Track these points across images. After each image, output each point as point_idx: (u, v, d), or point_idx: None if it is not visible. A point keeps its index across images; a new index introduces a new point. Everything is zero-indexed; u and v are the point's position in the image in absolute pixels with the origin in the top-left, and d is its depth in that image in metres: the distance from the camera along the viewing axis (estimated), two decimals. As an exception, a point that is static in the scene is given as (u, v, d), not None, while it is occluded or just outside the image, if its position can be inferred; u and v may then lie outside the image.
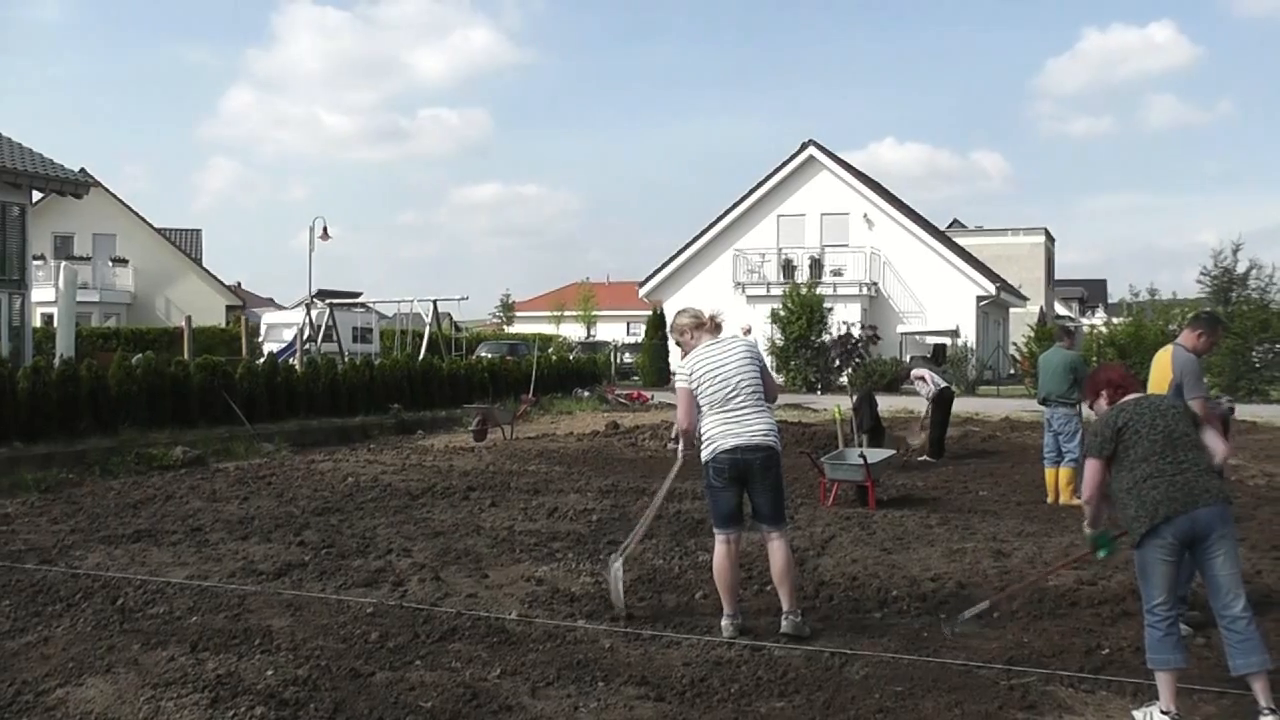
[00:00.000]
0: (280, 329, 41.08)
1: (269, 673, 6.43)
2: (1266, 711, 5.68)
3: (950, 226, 72.21)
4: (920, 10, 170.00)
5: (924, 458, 17.89)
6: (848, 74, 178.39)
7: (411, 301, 40.19)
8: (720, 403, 7.49)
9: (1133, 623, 7.80)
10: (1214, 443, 6.37)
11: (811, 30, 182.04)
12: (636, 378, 43.92)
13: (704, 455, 7.53)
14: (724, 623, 7.47)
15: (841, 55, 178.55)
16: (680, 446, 8.10)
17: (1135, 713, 5.96)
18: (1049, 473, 13.70)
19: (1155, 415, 6.13)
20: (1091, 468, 6.31)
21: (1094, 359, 35.45)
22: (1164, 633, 5.88)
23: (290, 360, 27.27)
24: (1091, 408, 6.70)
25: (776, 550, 7.53)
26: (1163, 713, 5.80)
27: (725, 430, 7.45)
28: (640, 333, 49.19)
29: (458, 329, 51.96)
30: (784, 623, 7.42)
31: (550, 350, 45.71)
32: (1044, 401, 13.82)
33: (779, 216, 48.25)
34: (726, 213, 48.98)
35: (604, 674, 6.55)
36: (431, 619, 7.69)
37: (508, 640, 7.26)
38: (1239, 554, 6.19)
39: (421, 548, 10.20)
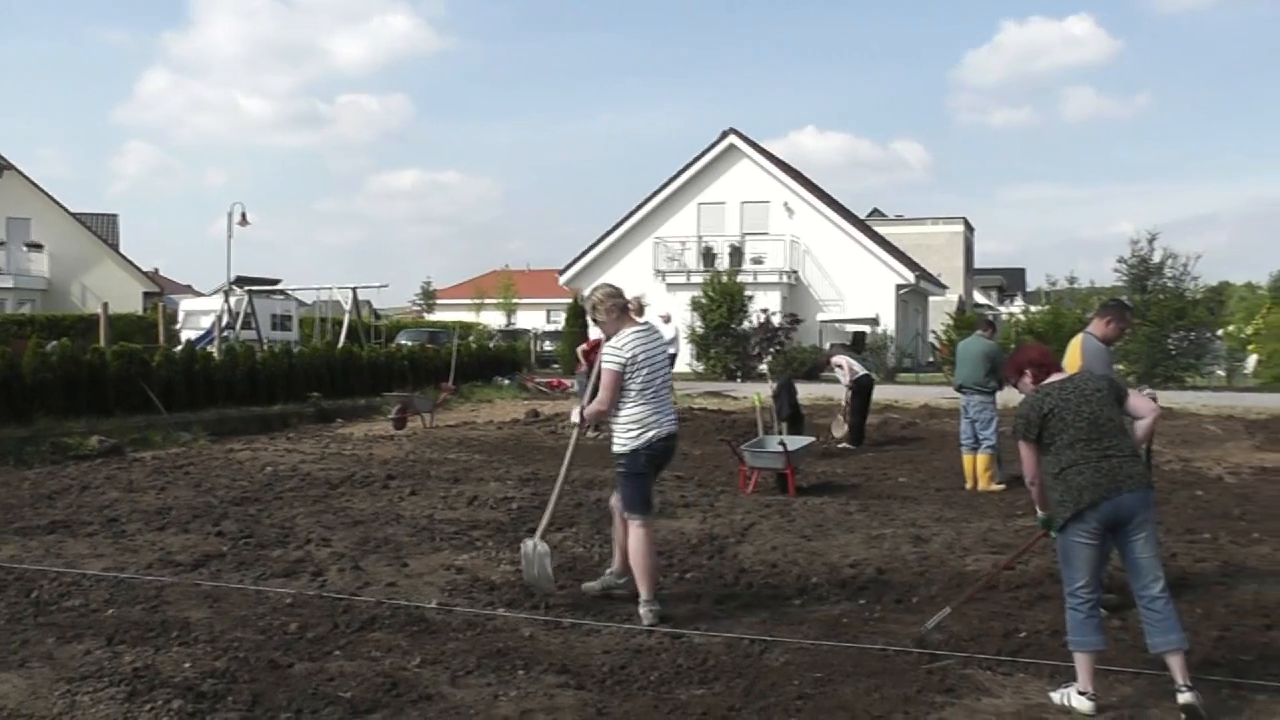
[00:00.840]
0: (198, 316, 40.46)
1: (186, 665, 6.35)
2: (1183, 689, 5.76)
3: (870, 215, 72.66)
4: (841, 0, 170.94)
5: (844, 445, 18.01)
6: (770, 63, 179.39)
7: (331, 289, 39.85)
8: (650, 390, 7.51)
9: (1050, 606, 7.91)
10: (1140, 403, 6.47)
11: (734, 18, 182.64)
12: (557, 365, 43.82)
13: (635, 442, 7.51)
14: (643, 610, 7.47)
15: (764, 44, 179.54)
16: (581, 428, 8.03)
17: (1052, 694, 6.04)
18: (966, 459, 13.86)
19: (1081, 400, 6.14)
20: (1024, 451, 6.31)
21: (1012, 347, 35.91)
22: (1085, 615, 5.95)
23: (208, 348, 26.91)
24: (1016, 386, 6.69)
25: (646, 536, 7.66)
26: (1080, 694, 5.87)
27: (657, 418, 7.50)
28: (560, 320, 49.06)
29: (378, 317, 51.74)
30: (645, 611, 7.51)
31: (470, 338, 45.47)
32: (960, 389, 13.99)
33: (699, 204, 48.34)
34: (647, 200, 48.99)
35: (524, 662, 6.54)
36: (351, 609, 7.64)
37: (428, 629, 7.23)
38: (1158, 537, 6.29)
39: (341, 537, 10.12)
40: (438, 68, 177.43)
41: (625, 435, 7.54)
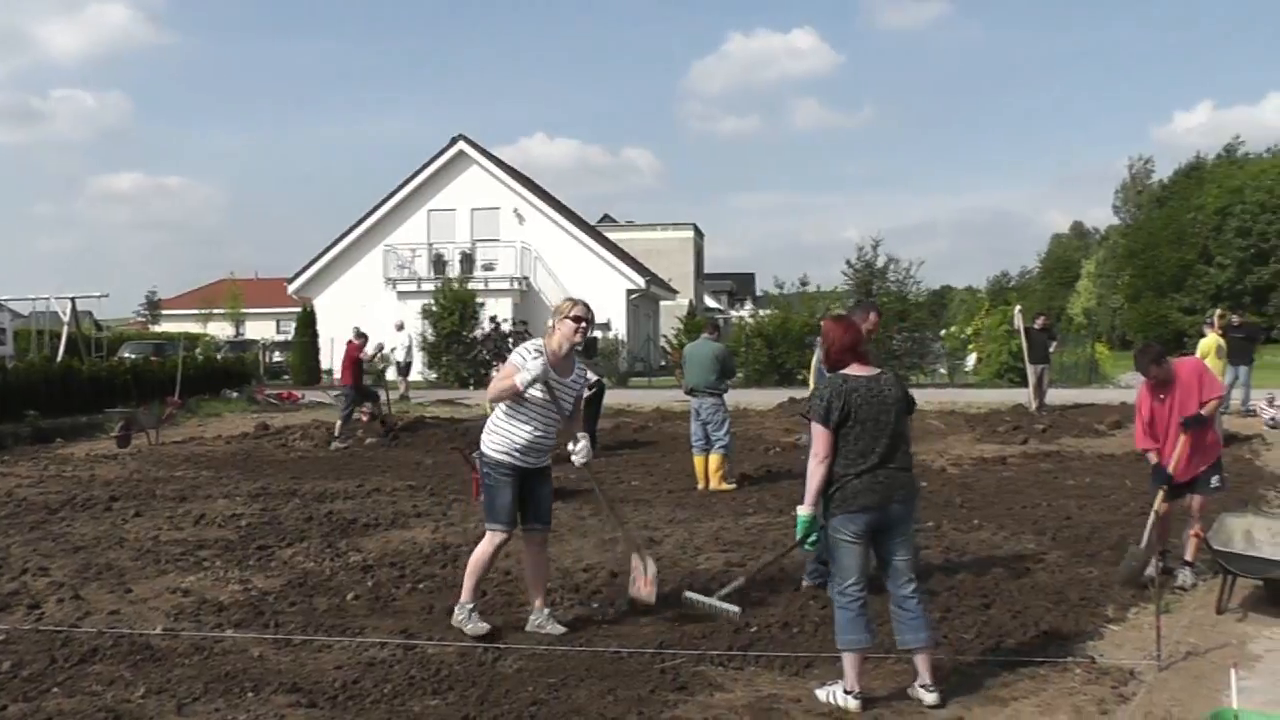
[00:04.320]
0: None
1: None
2: (929, 689, 6.02)
3: (601, 222, 73.34)
4: (571, 7, 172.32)
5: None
6: (499, 69, 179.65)
7: (48, 299, 37.97)
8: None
9: (779, 599, 8.16)
10: None
11: (465, 24, 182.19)
12: (287, 377, 42.85)
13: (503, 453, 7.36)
14: (469, 612, 7.41)
15: (493, 51, 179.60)
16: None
17: (818, 691, 6.14)
18: (698, 460, 14.10)
19: (881, 408, 6.11)
20: (820, 433, 6.13)
21: (742, 349, 36.74)
22: (855, 613, 6.03)
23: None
24: (825, 365, 6.53)
25: (543, 548, 7.66)
26: (846, 692, 5.99)
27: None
28: (291, 330, 48.00)
29: (99, 328, 49.50)
30: (546, 620, 7.52)
31: (197, 350, 44.03)
32: (691, 392, 14.20)
33: (430, 211, 47.99)
34: (377, 207, 48.30)
35: (254, 684, 6.36)
36: (70, 641, 7.27)
37: (153, 657, 6.95)
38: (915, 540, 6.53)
39: (60, 565, 9.62)
40: (158, 64, 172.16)
41: (503, 444, 7.39)
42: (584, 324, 7.40)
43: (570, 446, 7.50)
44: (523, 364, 7.18)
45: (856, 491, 6.02)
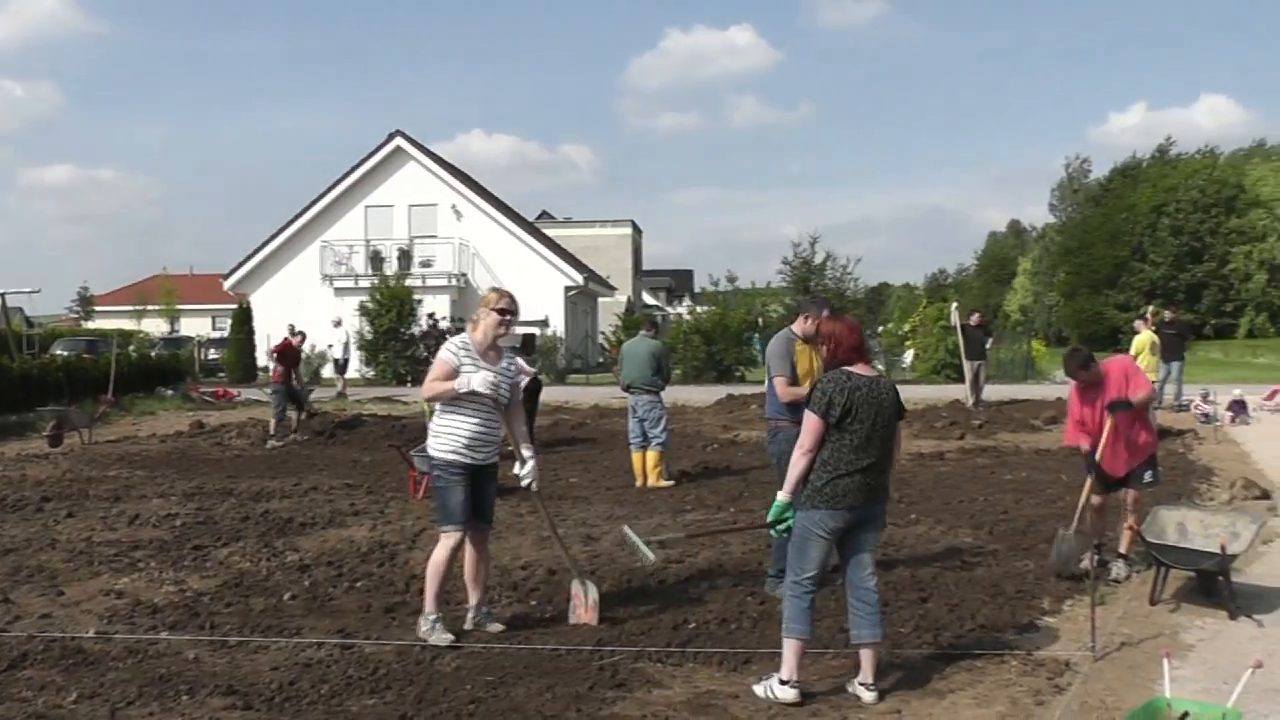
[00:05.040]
0: None
1: None
2: (868, 686, 6.06)
3: (539, 218, 73.16)
4: (509, 1, 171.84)
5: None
6: (437, 65, 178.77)
7: (-22, 294, 37.51)
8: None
9: (718, 595, 8.17)
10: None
11: (403, 18, 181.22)
12: (223, 374, 42.46)
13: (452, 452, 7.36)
14: (433, 623, 7.27)
15: (432, 45, 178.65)
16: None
17: (756, 688, 6.14)
18: (635, 457, 14.09)
19: (878, 411, 6.14)
20: (814, 424, 6.11)
21: (680, 346, 36.81)
22: (807, 605, 6.09)
23: None
24: (824, 358, 6.44)
25: (485, 546, 7.67)
26: (783, 683, 6.01)
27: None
28: (227, 327, 47.56)
29: (30, 325, 48.78)
30: (485, 619, 7.53)
31: (131, 347, 43.50)
32: (629, 389, 14.19)
33: (367, 207, 47.71)
34: (314, 203, 47.96)
35: (189, 687, 6.27)
36: (0, 646, 7.16)
37: (85, 661, 6.83)
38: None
39: (-12, 566, 9.49)
40: (89, 54, 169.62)
41: (449, 444, 7.41)
42: (508, 317, 7.39)
43: (518, 470, 7.53)
44: (452, 359, 7.21)
45: (848, 490, 6.05)
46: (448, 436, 7.35)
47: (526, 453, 7.52)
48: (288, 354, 20.34)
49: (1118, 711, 5.75)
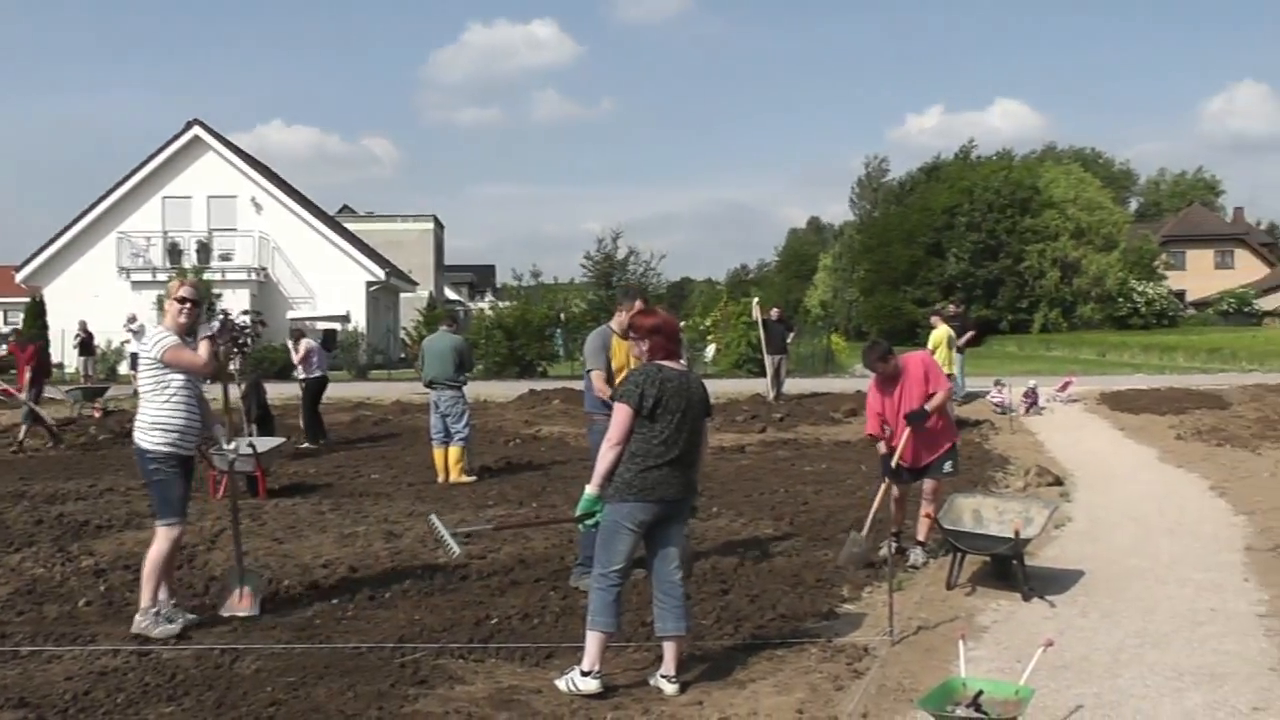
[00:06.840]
0: None
1: None
2: (670, 679, 6.09)
3: (341, 212, 72.09)
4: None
5: (304, 445, 17.70)
6: (236, 52, 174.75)
7: None
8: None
9: (520, 591, 8.16)
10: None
11: (202, 3, 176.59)
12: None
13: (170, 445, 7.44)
14: (154, 616, 7.22)
15: (230, 33, 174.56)
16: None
17: (558, 682, 6.12)
18: (437, 453, 13.99)
19: (689, 405, 6.16)
20: (624, 415, 6.09)
21: (482, 341, 36.59)
22: (614, 598, 6.10)
23: None
24: (639, 356, 6.47)
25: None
26: (584, 673, 6.01)
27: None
28: (19, 321, 45.74)
29: None
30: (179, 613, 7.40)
31: (-91, 345, 41.63)
32: (430, 384, 14.07)
33: (165, 198, 46.16)
34: (110, 193, 46.12)
35: (-24, 700, 6.00)
36: None
37: None
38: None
39: None
40: None
41: (168, 436, 7.49)
42: (189, 304, 7.51)
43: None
44: (158, 342, 7.42)
45: (657, 482, 6.07)
46: (161, 430, 7.45)
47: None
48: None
49: (914, 693, 5.89)
